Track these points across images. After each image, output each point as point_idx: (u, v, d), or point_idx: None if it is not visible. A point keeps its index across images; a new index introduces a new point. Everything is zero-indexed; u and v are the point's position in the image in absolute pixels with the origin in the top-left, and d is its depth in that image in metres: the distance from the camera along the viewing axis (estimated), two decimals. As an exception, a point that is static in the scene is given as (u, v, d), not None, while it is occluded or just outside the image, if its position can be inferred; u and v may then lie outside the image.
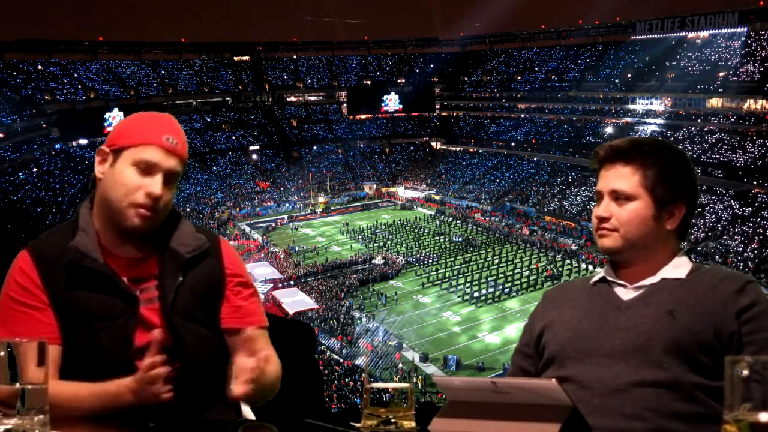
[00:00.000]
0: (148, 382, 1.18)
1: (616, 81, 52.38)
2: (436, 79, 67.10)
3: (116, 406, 1.22)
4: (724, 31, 47.33)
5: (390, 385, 1.17)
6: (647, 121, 47.93)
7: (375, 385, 1.21)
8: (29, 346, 0.91)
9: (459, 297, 29.66)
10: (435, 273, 32.93)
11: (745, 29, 46.28)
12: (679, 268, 1.37)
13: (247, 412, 1.57)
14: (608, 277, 1.43)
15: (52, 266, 1.33)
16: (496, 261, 34.79)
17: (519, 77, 61.47)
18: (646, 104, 48.78)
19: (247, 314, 1.47)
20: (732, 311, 1.25)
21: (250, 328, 1.44)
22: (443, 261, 35.32)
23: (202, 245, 1.45)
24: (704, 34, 48.98)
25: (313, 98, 66.78)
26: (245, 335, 1.43)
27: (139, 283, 1.38)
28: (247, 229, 43.98)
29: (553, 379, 0.99)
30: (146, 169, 1.34)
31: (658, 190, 1.36)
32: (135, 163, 1.34)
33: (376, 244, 39.21)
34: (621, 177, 1.38)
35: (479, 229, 42.25)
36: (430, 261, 35.27)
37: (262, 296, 29.49)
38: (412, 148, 62.84)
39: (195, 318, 1.39)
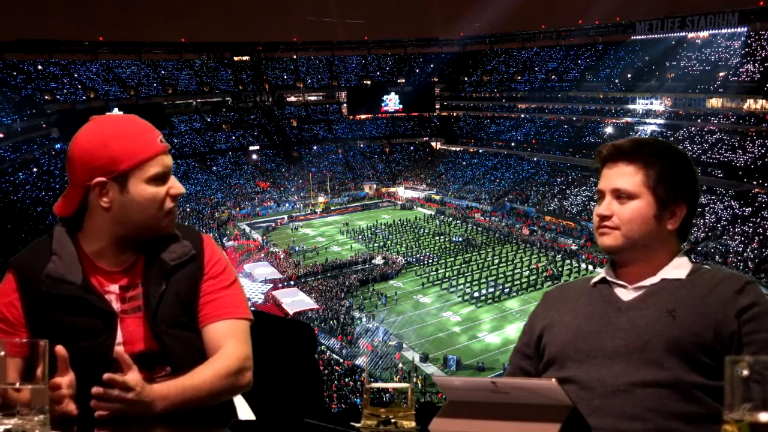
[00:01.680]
0: (53, 400, 1.16)
1: (616, 81, 52.39)
2: (436, 79, 67.09)
3: None
4: (724, 31, 47.34)
5: (390, 385, 1.17)
6: (647, 121, 47.94)
7: (375, 385, 1.21)
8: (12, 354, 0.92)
9: (459, 297, 29.65)
10: (435, 273, 32.92)
11: (745, 29, 46.28)
12: (679, 268, 1.37)
13: (246, 412, 1.56)
14: (608, 278, 1.42)
15: (34, 288, 1.33)
16: (496, 261, 34.79)
17: (519, 77, 61.48)
18: (646, 104, 48.79)
19: (215, 308, 1.44)
20: (732, 311, 1.25)
21: (217, 322, 1.42)
22: (443, 261, 35.31)
23: (188, 252, 1.44)
24: (704, 34, 48.98)
25: (313, 98, 66.78)
26: (211, 330, 1.42)
27: (127, 290, 1.38)
28: (247, 229, 43.98)
29: (553, 379, 0.99)
30: (162, 178, 1.36)
31: (659, 190, 1.36)
32: (150, 180, 1.34)
33: (376, 244, 39.20)
34: (623, 176, 1.38)
35: (479, 229, 42.24)
36: (430, 261, 35.27)
37: (262, 296, 29.49)
38: (412, 148, 62.85)
39: (179, 323, 1.39)
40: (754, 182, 36.13)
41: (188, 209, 44.09)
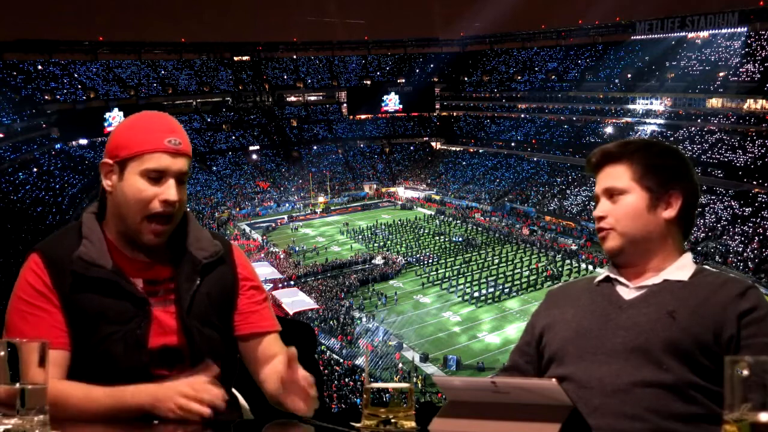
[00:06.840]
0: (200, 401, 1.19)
1: (616, 81, 52.37)
2: (436, 79, 67.08)
3: (128, 408, 1.20)
4: (724, 31, 47.32)
5: (390, 385, 1.16)
6: (647, 121, 47.93)
7: (375, 385, 1.21)
8: (31, 346, 0.91)
9: (459, 297, 29.65)
10: (435, 273, 32.92)
11: (745, 29, 46.26)
12: (682, 270, 1.37)
13: (246, 411, 1.56)
14: (611, 275, 1.43)
15: (62, 270, 1.31)
16: (496, 261, 34.78)
17: (519, 77, 61.47)
18: (646, 104, 48.77)
19: (261, 319, 1.47)
20: (732, 314, 1.25)
21: (265, 333, 1.46)
22: (443, 261, 35.30)
23: (219, 251, 1.44)
24: (704, 34, 48.97)
25: (313, 98, 66.77)
26: (260, 341, 1.45)
27: (154, 284, 1.37)
28: (247, 229, 43.97)
29: (553, 379, 0.99)
30: (156, 177, 1.32)
31: (647, 180, 1.38)
32: (144, 173, 1.31)
33: (376, 244, 39.20)
34: (612, 175, 1.41)
35: (479, 229, 42.22)
36: (430, 261, 35.26)
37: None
38: (412, 148, 62.84)
39: (209, 323, 1.39)
40: (754, 182, 36.11)
41: (188, 209, 44.10)
